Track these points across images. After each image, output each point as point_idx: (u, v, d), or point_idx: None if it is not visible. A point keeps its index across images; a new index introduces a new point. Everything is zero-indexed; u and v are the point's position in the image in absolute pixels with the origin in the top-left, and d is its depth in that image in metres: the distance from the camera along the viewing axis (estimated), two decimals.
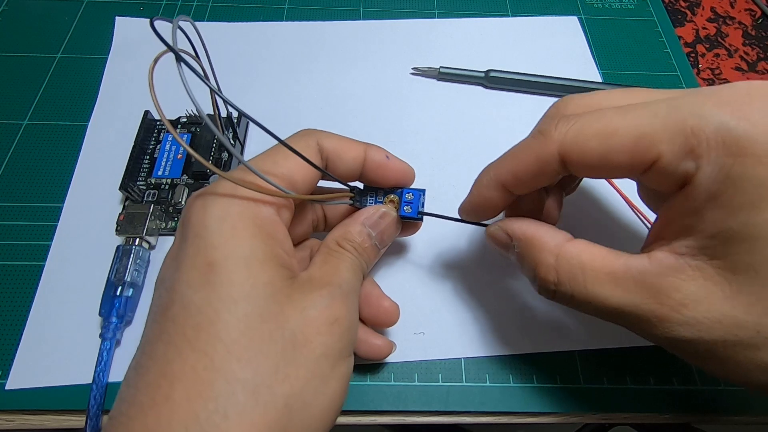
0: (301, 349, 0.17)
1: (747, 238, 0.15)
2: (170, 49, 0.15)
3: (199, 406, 0.15)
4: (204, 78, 0.17)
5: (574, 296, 0.18)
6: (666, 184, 0.17)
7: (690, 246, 0.16)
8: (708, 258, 0.16)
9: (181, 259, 0.17)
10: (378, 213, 0.22)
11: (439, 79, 0.36)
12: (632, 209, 0.28)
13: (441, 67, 0.35)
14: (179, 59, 0.15)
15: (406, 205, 0.23)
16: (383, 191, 0.23)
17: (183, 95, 0.16)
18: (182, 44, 0.16)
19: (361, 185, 0.23)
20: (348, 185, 0.22)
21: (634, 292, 0.17)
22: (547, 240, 0.19)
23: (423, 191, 0.23)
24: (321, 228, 0.24)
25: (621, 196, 0.28)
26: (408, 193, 0.23)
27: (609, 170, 0.18)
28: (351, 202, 0.23)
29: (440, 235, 0.29)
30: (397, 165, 0.23)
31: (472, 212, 0.23)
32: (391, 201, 0.23)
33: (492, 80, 0.35)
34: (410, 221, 0.24)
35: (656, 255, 0.17)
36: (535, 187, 0.20)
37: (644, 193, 0.22)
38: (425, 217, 0.23)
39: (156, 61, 0.16)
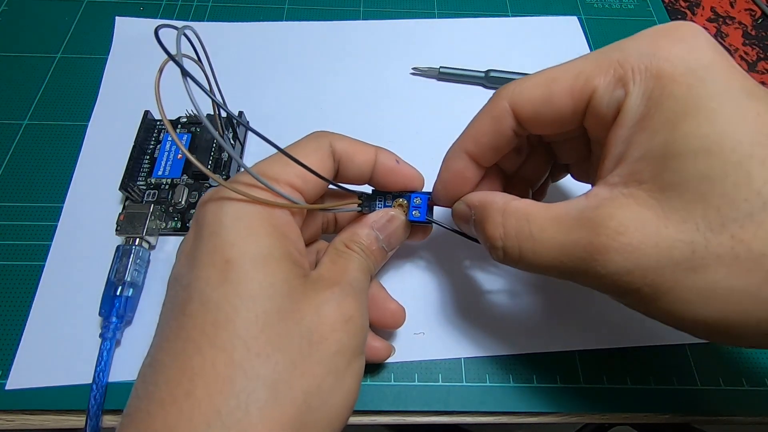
0: (317, 346, 0.17)
1: (668, 155, 0.15)
2: (174, 62, 0.15)
3: (221, 402, 0.15)
4: (209, 93, 0.17)
5: (522, 250, 0.18)
6: (605, 122, 0.17)
7: (621, 174, 0.16)
8: (638, 183, 0.16)
9: (197, 257, 0.17)
10: (386, 216, 0.23)
11: (439, 79, 0.36)
12: None
13: (441, 67, 0.35)
14: (185, 73, 0.15)
15: (415, 210, 0.23)
16: (392, 195, 0.23)
17: (183, 95, 0.16)
18: (184, 47, 0.16)
19: (368, 190, 0.23)
20: (356, 192, 0.22)
21: (575, 230, 0.17)
22: (497, 200, 0.20)
23: (431, 194, 0.23)
24: (331, 230, 0.25)
25: None
26: (416, 197, 0.23)
27: (556, 117, 0.19)
28: (359, 209, 0.23)
29: (440, 235, 0.29)
30: (406, 170, 0.23)
31: (443, 191, 0.23)
32: (400, 205, 0.23)
33: (492, 80, 0.35)
34: (420, 225, 0.24)
35: (592, 191, 0.17)
36: (498, 151, 0.21)
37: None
38: None
39: (161, 71, 0.16)
